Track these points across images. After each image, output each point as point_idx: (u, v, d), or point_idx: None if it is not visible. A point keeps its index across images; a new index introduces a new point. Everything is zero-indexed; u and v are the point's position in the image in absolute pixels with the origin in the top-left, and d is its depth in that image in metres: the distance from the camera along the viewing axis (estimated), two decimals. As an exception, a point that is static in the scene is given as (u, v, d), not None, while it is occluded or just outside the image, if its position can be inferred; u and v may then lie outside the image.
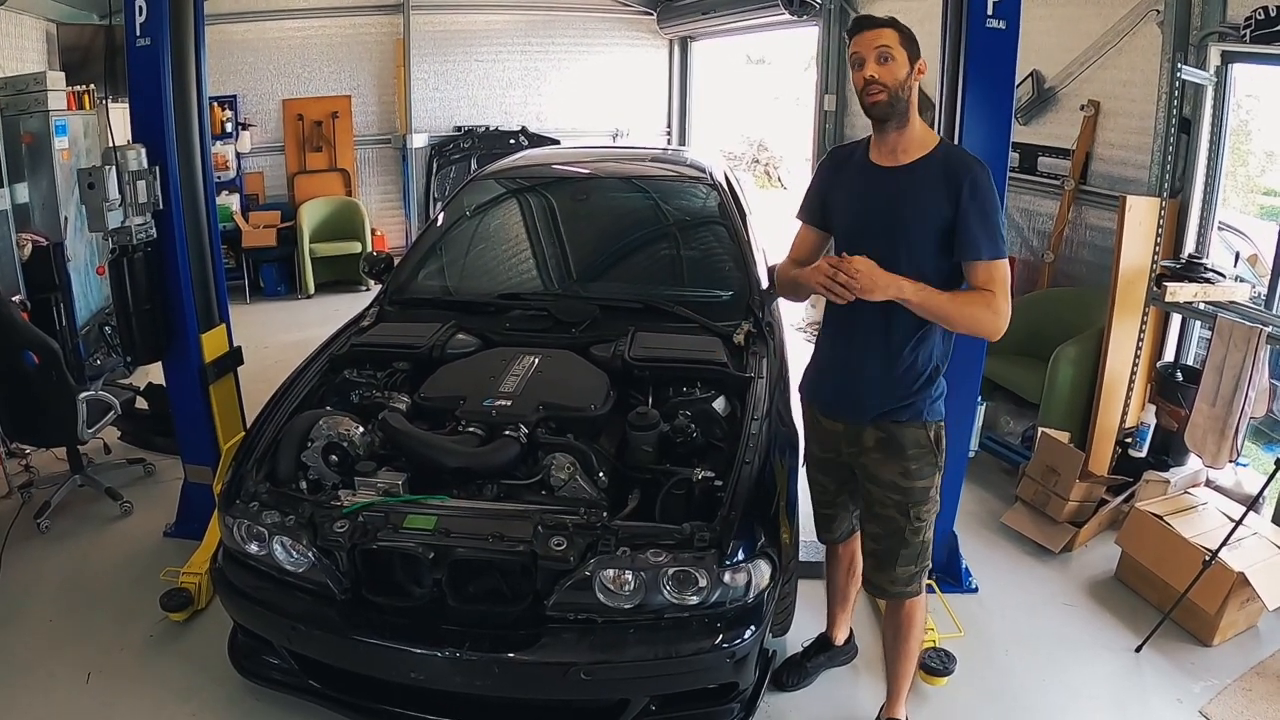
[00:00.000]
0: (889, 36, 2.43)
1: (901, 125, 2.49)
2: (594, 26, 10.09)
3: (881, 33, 2.43)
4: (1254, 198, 7.71)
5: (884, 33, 2.43)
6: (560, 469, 2.81)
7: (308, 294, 8.70)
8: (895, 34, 2.43)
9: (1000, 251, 2.44)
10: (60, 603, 3.68)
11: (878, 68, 2.42)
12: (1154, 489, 4.13)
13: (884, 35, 2.43)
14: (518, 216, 4.49)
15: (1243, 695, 3.23)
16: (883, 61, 2.42)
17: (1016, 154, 5.64)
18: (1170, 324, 4.79)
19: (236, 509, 2.79)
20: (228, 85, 8.62)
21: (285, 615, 2.73)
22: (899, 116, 2.47)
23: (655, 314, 3.65)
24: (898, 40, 2.43)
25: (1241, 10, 4.21)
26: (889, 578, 2.73)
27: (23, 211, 5.62)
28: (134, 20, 3.55)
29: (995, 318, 2.42)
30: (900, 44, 2.43)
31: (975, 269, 2.43)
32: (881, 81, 2.42)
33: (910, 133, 2.50)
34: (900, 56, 2.42)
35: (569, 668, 2.53)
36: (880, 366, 2.57)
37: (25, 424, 4.31)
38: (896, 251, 2.46)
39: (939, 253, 2.45)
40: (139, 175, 3.54)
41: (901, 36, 2.44)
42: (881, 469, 2.64)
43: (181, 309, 3.84)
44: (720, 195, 4.29)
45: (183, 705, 3.11)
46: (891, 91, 2.42)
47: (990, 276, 2.42)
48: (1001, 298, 2.42)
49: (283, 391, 3.31)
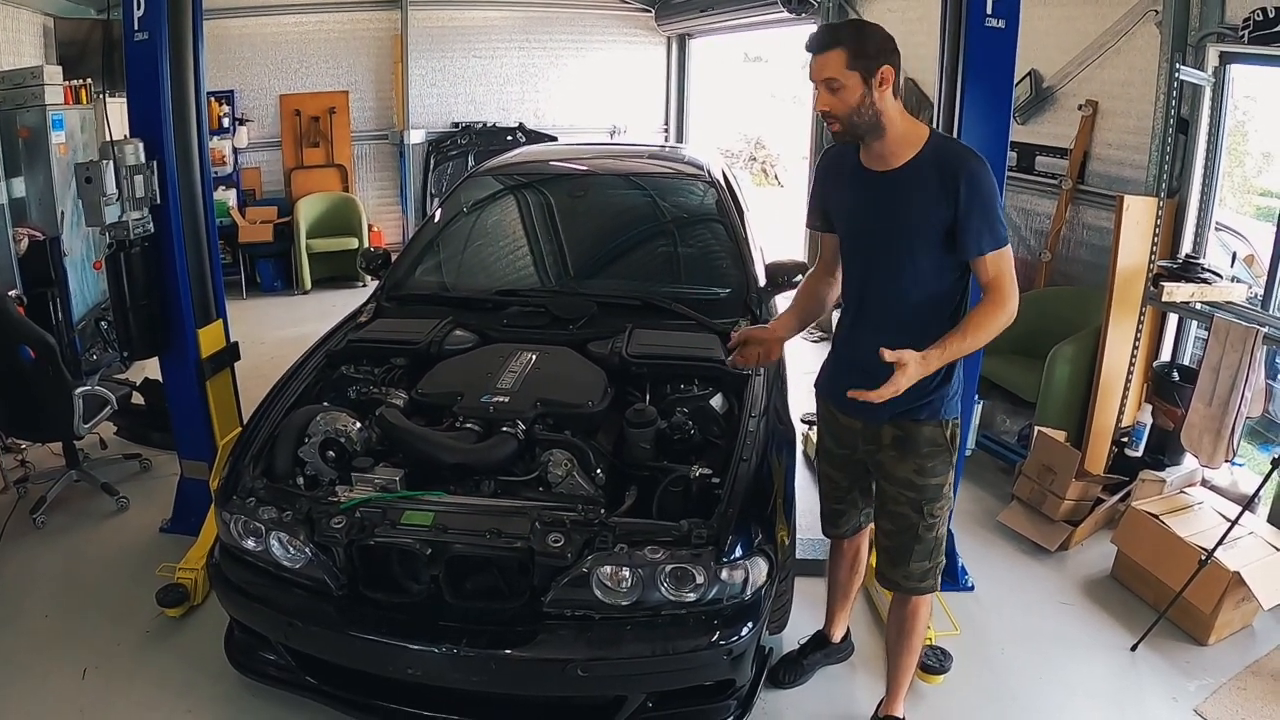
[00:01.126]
0: (833, 64, 2.32)
1: (878, 135, 2.42)
2: (592, 23, 10.08)
3: (826, 60, 2.33)
4: (1251, 198, 7.71)
5: (828, 59, 2.33)
6: (558, 465, 2.81)
7: (304, 290, 8.69)
8: (842, 56, 2.31)
9: (1002, 239, 2.40)
10: (56, 598, 3.68)
11: (828, 99, 2.36)
12: (1150, 488, 4.13)
13: (828, 64, 2.33)
14: (515, 213, 4.49)
15: (1238, 694, 3.24)
16: (832, 91, 2.34)
17: (1014, 153, 5.64)
18: (1167, 324, 4.80)
19: (233, 504, 2.78)
20: (225, 80, 8.60)
21: (282, 611, 2.73)
22: (869, 132, 2.41)
23: (653, 311, 3.65)
24: (844, 63, 2.31)
25: (1240, 11, 4.22)
26: (903, 573, 2.74)
27: (19, 206, 5.60)
28: (132, 15, 3.55)
29: (1005, 315, 2.39)
30: (848, 66, 2.31)
31: (982, 263, 2.40)
32: (834, 114, 2.37)
33: (892, 137, 2.42)
34: (851, 80, 2.32)
35: (566, 664, 2.53)
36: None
37: (21, 419, 4.30)
38: (900, 255, 2.47)
39: (942, 250, 2.43)
40: (136, 170, 3.54)
41: (850, 55, 2.31)
42: (897, 466, 2.64)
43: (178, 304, 3.83)
44: (718, 192, 4.29)
45: (179, 701, 3.11)
46: (845, 120, 2.37)
47: (996, 267, 2.39)
48: (1008, 288, 2.39)
49: (280, 387, 3.31)
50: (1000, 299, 2.39)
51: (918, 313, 2.50)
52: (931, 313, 2.50)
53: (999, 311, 2.39)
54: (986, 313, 2.40)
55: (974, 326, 2.40)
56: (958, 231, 2.38)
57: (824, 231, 2.78)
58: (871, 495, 2.85)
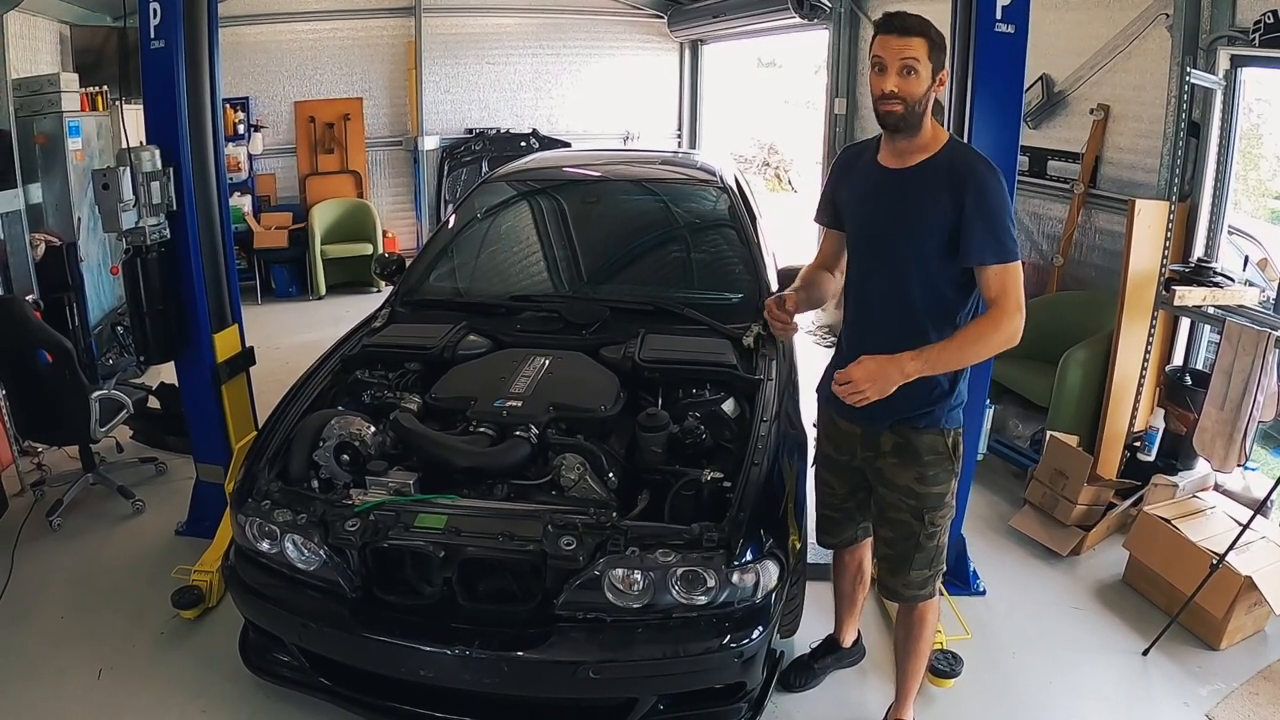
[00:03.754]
0: (918, 47, 2.30)
1: (914, 131, 2.42)
2: (605, 29, 10.11)
3: (911, 42, 2.30)
4: (1265, 202, 7.68)
5: (913, 43, 2.30)
6: (570, 469, 2.83)
7: (319, 295, 8.74)
8: (925, 44, 2.31)
9: (1009, 255, 2.35)
10: (72, 600, 3.71)
11: (899, 80, 2.32)
12: (1162, 493, 4.12)
13: (913, 45, 2.30)
14: (529, 219, 4.52)
15: (1249, 699, 3.22)
16: (905, 74, 2.31)
17: (1026, 158, 5.63)
18: (1179, 328, 4.78)
19: (249, 507, 2.81)
20: (240, 87, 8.66)
21: (296, 613, 2.76)
22: (914, 125, 2.39)
23: (665, 316, 3.66)
24: (926, 52, 2.30)
25: (1251, 14, 4.21)
26: (902, 581, 2.73)
27: (36, 212, 5.67)
28: (148, 22, 3.59)
29: (1003, 334, 2.34)
30: (928, 55, 2.31)
31: (984, 275, 2.37)
32: (900, 95, 2.33)
33: (919, 138, 2.43)
34: (925, 70, 2.31)
35: (577, 666, 2.54)
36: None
37: (39, 422, 4.34)
38: (904, 255, 2.46)
39: (945, 255, 2.40)
40: (153, 176, 3.58)
41: (931, 46, 2.31)
42: (897, 474, 2.62)
43: (194, 309, 3.87)
44: (730, 198, 4.30)
45: (193, 702, 3.13)
46: (909, 106, 2.34)
47: (1001, 283, 2.35)
48: (1011, 307, 2.34)
49: (295, 391, 3.34)
50: (1001, 316, 2.35)
51: (918, 319, 2.48)
52: (932, 321, 2.47)
53: (996, 330, 2.35)
54: (982, 329, 2.38)
55: (965, 339, 2.39)
56: (960, 237, 2.36)
57: (829, 227, 2.78)
58: (869, 508, 2.82)
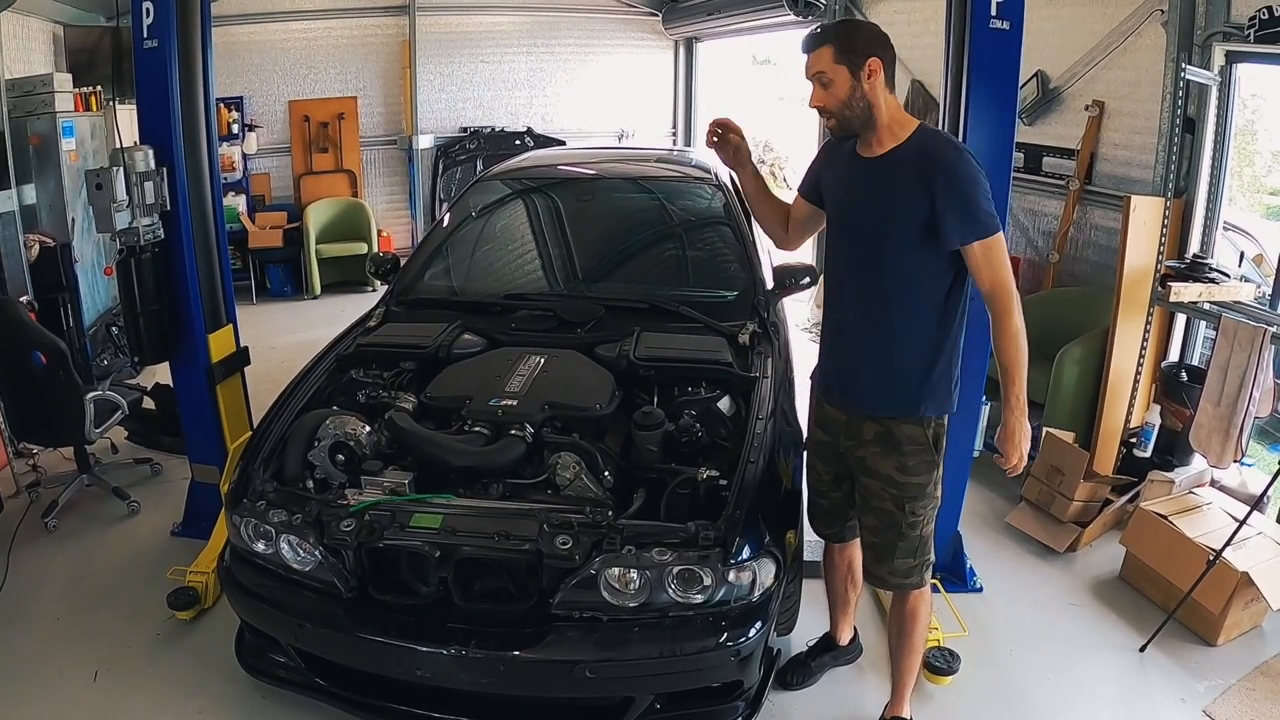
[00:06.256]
0: (823, 59, 2.43)
1: (871, 126, 2.49)
2: (599, 28, 10.11)
3: (815, 56, 2.45)
4: (1260, 197, 7.68)
5: (819, 55, 2.44)
6: (566, 468, 2.83)
7: (314, 294, 8.73)
8: (829, 51, 2.42)
9: (987, 229, 2.41)
10: (67, 601, 3.71)
11: (819, 94, 2.47)
12: (1159, 489, 4.12)
13: (819, 59, 2.44)
14: (523, 217, 4.51)
15: (1246, 695, 3.23)
16: (823, 87, 2.45)
17: (1021, 154, 5.63)
18: (1175, 324, 4.79)
19: (243, 508, 2.80)
20: (234, 87, 8.64)
21: (292, 613, 2.75)
22: (864, 123, 2.48)
23: (660, 314, 3.65)
24: (832, 58, 2.42)
25: (1245, 10, 4.21)
26: (888, 569, 2.74)
27: (30, 212, 5.64)
28: (141, 22, 3.57)
29: (1014, 322, 2.46)
30: (835, 60, 2.42)
31: (971, 257, 2.42)
32: (826, 108, 2.48)
33: (881, 125, 2.49)
34: (839, 75, 2.42)
35: (574, 665, 2.54)
36: (876, 363, 2.60)
37: (33, 423, 4.33)
38: (878, 241, 2.51)
39: (921, 243, 2.44)
40: (146, 176, 3.57)
41: (837, 51, 2.42)
42: (879, 463, 2.64)
43: (189, 309, 3.86)
44: (725, 196, 4.29)
45: (189, 703, 3.13)
46: (838, 113, 2.47)
47: (988, 259, 2.42)
48: (1004, 290, 2.43)
49: (290, 391, 3.33)
50: (1003, 309, 2.45)
51: (896, 308, 2.52)
52: (911, 312, 2.52)
53: (1008, 323, 2.45)
54: (1003, 335, 2.47)
55: (1007, 359, 2.49)
56: (938, 223, 2.40)
57: (804, 199, 2.84)
58: (854, 503, 2.84)
